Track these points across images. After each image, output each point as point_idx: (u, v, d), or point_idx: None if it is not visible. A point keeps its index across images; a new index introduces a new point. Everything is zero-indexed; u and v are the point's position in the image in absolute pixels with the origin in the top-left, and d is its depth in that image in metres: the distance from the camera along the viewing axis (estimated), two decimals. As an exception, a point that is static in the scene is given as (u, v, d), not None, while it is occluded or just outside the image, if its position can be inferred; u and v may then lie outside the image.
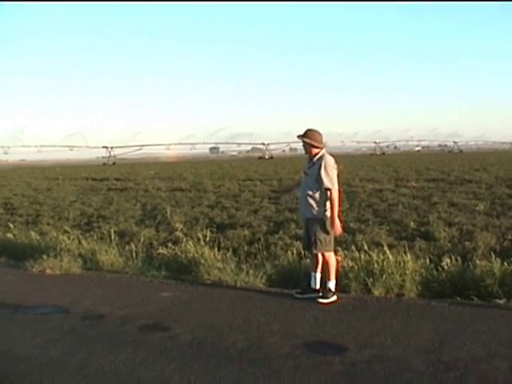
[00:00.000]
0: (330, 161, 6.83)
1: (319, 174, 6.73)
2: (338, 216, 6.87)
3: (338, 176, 6.90)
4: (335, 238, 7.11)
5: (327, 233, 6.86)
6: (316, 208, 6.81)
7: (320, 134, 6.98)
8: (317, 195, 6.81)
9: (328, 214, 6.78)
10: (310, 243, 6.96)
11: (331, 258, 6.96)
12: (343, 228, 7.33)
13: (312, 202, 6.81)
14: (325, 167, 6.75)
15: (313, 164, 6.86)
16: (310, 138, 6.86)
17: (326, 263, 6.97)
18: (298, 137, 6.94)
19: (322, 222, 6.81)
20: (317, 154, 6.87)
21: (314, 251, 6.89)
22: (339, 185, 6.89)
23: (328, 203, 6.79)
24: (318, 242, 6.82)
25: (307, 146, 6.91)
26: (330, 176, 6.77)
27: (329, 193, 6.75)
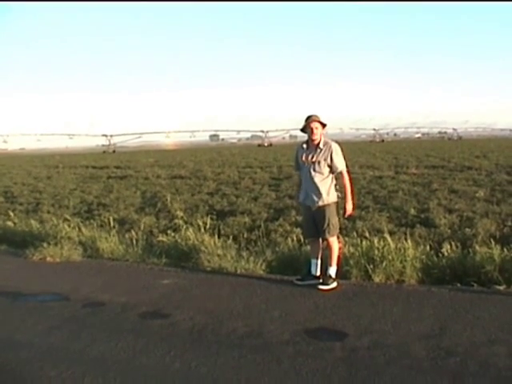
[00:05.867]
0: (337, 145, 6.92)
1: (332, 159, 6.78)
2: (352, 197, 7.01)
3: None
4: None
5: (337, 216, 6.98)
6: (328, 193, 6.83)
7: None
8: (328, 180, 6.84)
9: (338, 196, 6.91)
10: (316, 230, 6.96)
11: (334, 243, 6.97)
12: (353, 211, 7.37)
13: (324, 187, 6.81)
14: (336, 151, 6.85)
15: (320, 150, 6.83)
16: (320, 120, 6.84)
17: (329, 248, 6.98)
18: (311, 122, 6.83)
19: (334, 206, 6.89)
20: (320, 139, 6.85)
21: (328, 236, 6.86)
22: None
23: (337, 186, 6.92)
24: (331, 227, 6.85)
25: (320, 128, 6.85)
26: (341, 159, 6.91)
27: (344, 174, 6.91)
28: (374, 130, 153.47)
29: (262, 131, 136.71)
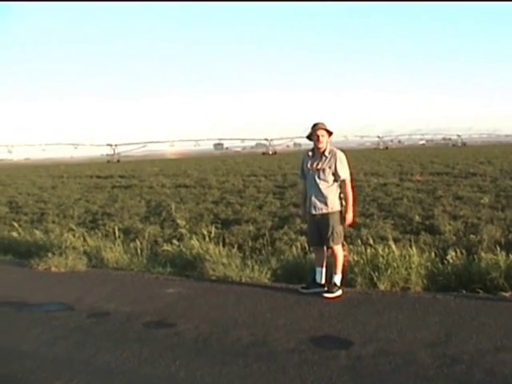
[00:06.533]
0: (342, 154, 6.94)
1: (336, 167, 6.79)
2: (353, 206, 7.00)
3: None
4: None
5: (342, 225, 6.96)
6: (333, 201, 6.83)
7: None
8: (333, 188, 6.84)
9: (342, 205, 6.88)
10: (320, 238, 6.96)
11: (339, 251, 6.97)
12: (354, 222, 7.36)
13: (329, 195, 6.81)
14: (341, 160, 6.86)
15: (325, 158, 6.84)
16: (326, 127, 6.86)
17: (334, 256, 6.98)
18: (317, 129, 6.84)
19: (338, 215, 6.86)
20: (326, 147, 6.85)
21: (332, 244, 6.86)
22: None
23: (342, 194, 6.90)
24: (335, 235, 6.84)
25: (326, 136, 6.85)
26: (346, 167, 6.90)
27: (347, 183, 6.90)
28: (379, 137, 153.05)
29: (267, 139, 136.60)
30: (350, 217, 6.90)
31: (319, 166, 6.84)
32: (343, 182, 6.87)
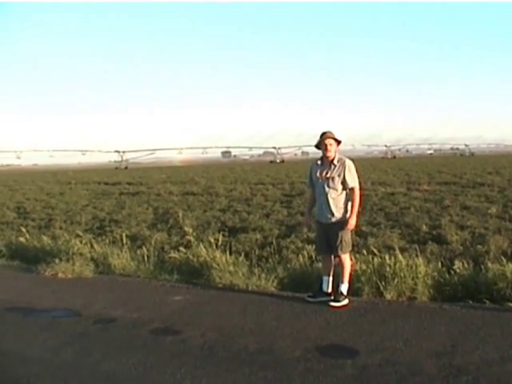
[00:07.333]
0: (351, 162, 6.97)
1: (344, 176, 6.82)
2: (358, 213, 7.01)
3: None
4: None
5: (350, 233, 7.01)
6: (342, 210, 6.85)
7: None
8: (342, 197, 6.86)
9: (354, 214, 6.88)
10: (328, 247, 6.97)
11: (347, 260, 6.98)
12: (356, 227, 7.35)
13: (337, 204, 6.84)
14: (349, 168, 6.89)
15: (334, 167, 6.86)
16: (335, 136, 6.87)
17: (341, 265, 6.98)
18: (326, 138, 6.86)
19: (346, 223, 6.87)
20: (335, 156, 6.87)
21: (340, 253, 6.88)
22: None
23: (350, 203, 6.90)
24: (344, 244, 6.86)
25: (334, 145, 6.87)
26: (354, 176, 6.92)
27: (355, 190, 6.90)
28: (386, 146, 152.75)
29: (274, 148, 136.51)
30: (353, 222, 6.88)
31: (328, 175, 6.86)
32: (351, 189, 6.89)
